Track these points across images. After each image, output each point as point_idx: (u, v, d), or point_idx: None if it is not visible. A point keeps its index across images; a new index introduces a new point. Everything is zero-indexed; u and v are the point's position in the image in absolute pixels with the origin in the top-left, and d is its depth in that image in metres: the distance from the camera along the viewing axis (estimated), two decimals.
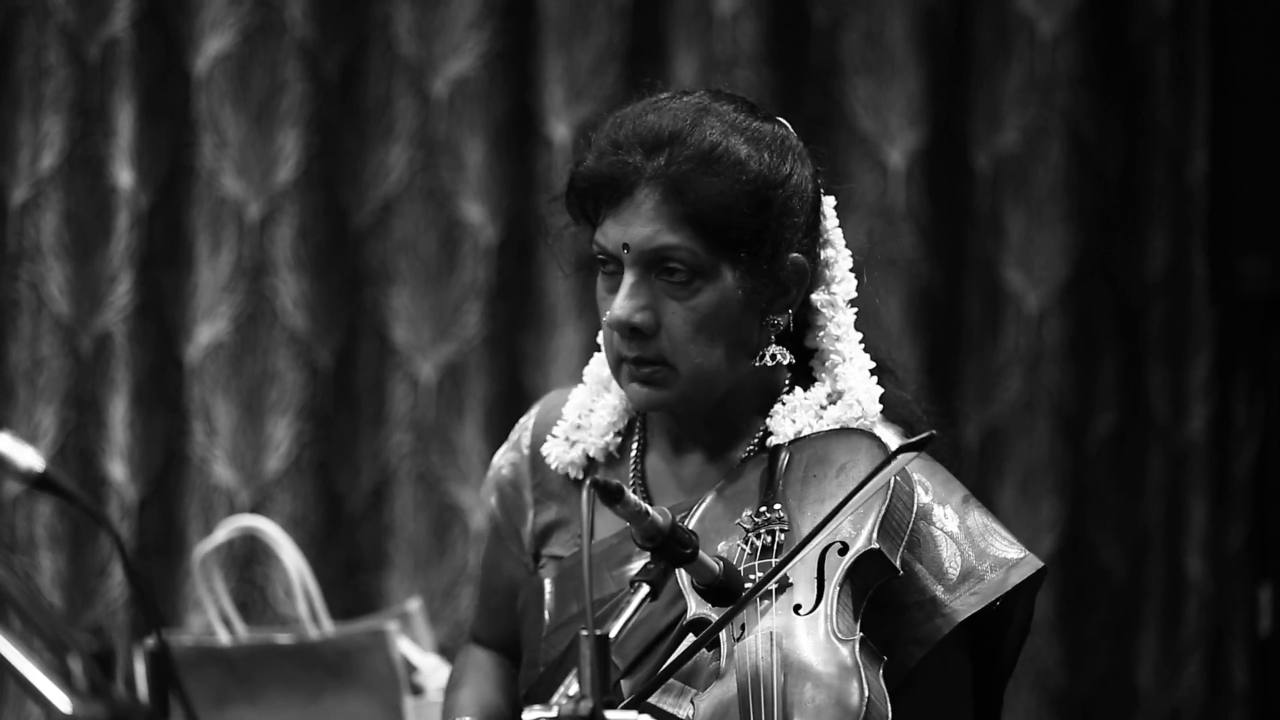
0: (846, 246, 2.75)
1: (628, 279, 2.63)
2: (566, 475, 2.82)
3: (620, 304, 2.62)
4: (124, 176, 4.77)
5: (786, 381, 2.74)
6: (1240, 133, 4.95)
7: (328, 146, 4.86)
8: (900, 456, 2.49)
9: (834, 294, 2.73)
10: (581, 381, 2.83)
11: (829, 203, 2.75)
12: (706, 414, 2.72)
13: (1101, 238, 5.05)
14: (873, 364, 2.74)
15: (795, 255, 2.68)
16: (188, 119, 4.82)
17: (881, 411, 2.73)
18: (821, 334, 2.72)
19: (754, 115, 2.70)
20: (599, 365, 2.80)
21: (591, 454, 2.79)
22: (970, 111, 5.03)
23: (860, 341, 2.75)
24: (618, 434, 2.79)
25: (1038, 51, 5.02)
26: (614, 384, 2.77)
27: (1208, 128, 5.04)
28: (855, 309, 2.75)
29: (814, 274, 2.72)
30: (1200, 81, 5.05)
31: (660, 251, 2.62)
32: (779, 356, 2.71)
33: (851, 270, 2.75)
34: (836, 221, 2.75)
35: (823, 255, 2.73)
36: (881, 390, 2.73)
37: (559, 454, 2.80)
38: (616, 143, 2.65)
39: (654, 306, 2.63)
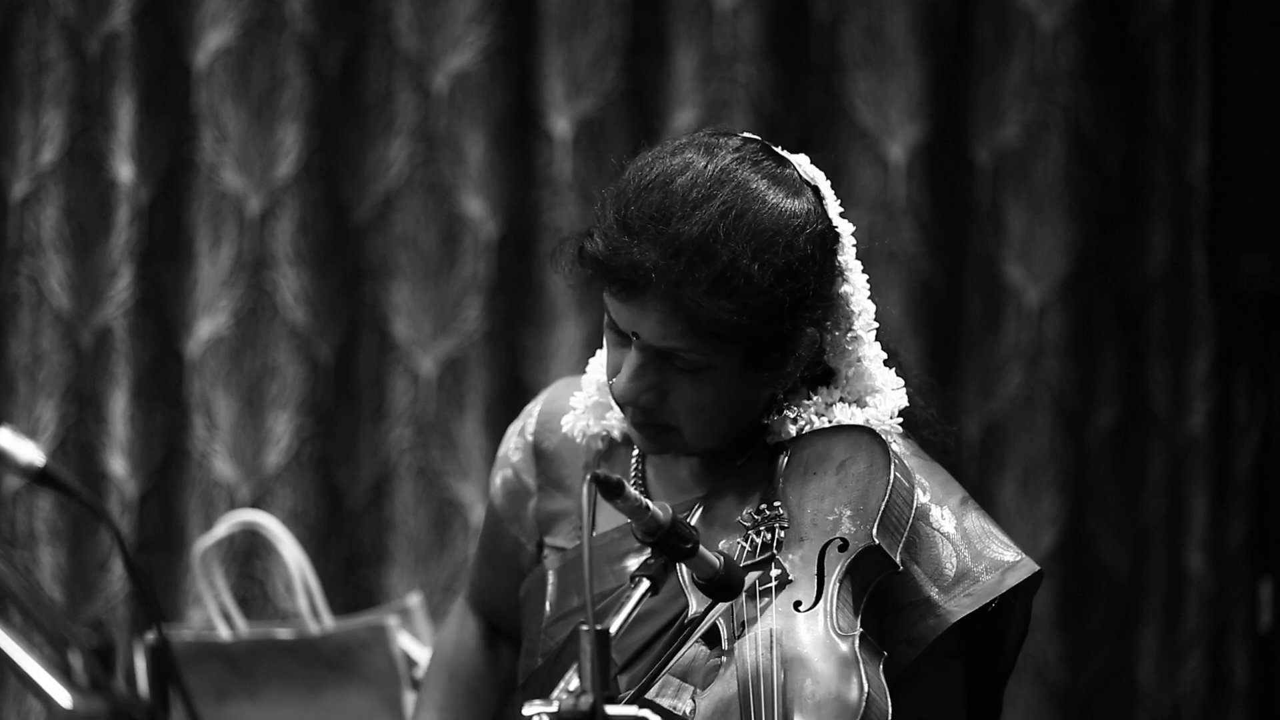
0: (863, 272, 2.72)
1: (634, 359, 2.62)
2: (570, 465, 2.82)
3: (626, 384, 2.62)
4: (124, 171, 4.77)
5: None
6: (1241, 129, 4.95)
7: (328, 141, 4.86)
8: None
9: (855, 329, 2.70)
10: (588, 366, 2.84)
11: (847, 230, 2.70)
12: None
13: (1102, 233, 5.05)
14: (901, 383, 2.74)
15: (809, 330, 2.65)
16: (188, 113, 4.82)
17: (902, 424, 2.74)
18: (850, 370, 2.71)
19: (777, 189, 2.61)
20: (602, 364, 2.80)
21: (615, 435, 2.80)
22: (971, 106, 5.03)
23: (886, 361, 2.75)
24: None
25: (1038, 46, 5.02)
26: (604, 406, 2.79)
27: (1208, 124, 5.04)
28: (875, 331, 2.73)
29: (833, 316, 2.69)
30: (1201, 77, 5.05)
31: (669, 349, 2.60)
32: (782, 408, 2.71)
33: (870, 297, 2.72)
34: (855, 252, 2.71)
35: (841, 290, 2.70)
36: (905, 403, 2.73)
37: (581, 427, 2.80)
38: (630, 229, 2.58)
39: (660, 386, 2.63)
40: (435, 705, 2.99)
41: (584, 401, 2.80)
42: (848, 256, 2.69)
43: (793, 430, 2.69)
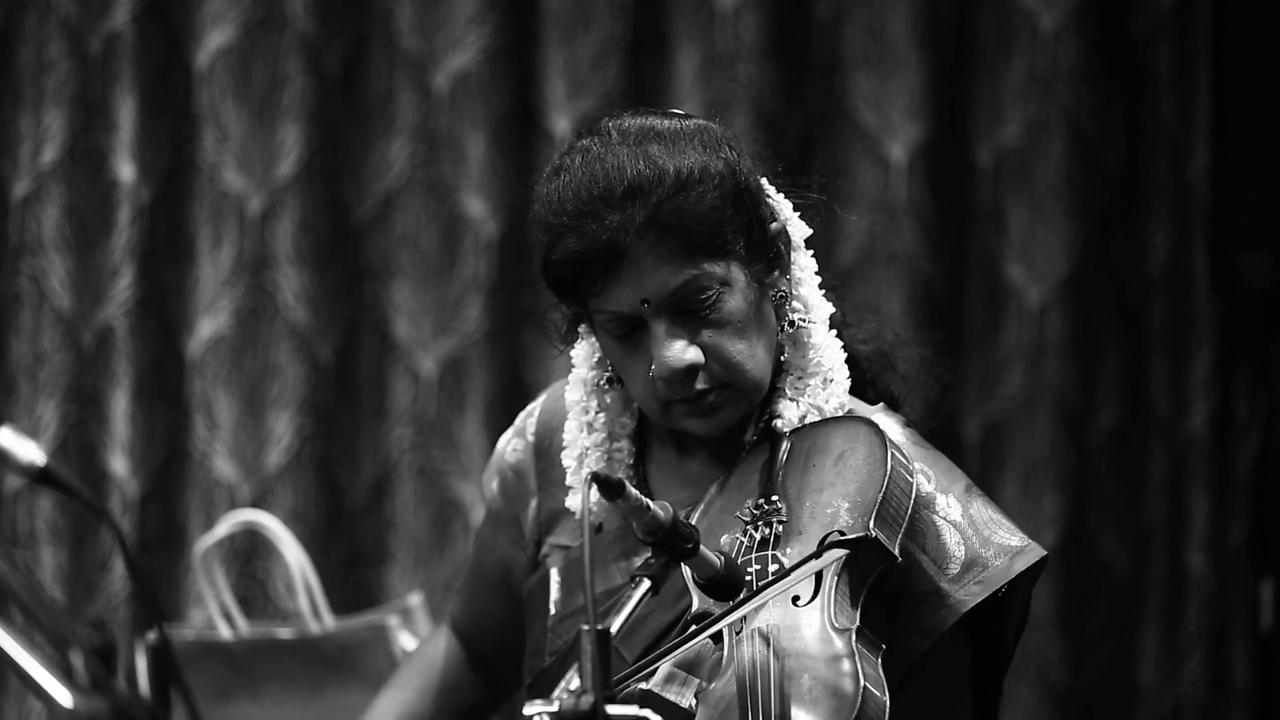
0: (795, 210, 2.75)
1: (659, 327, 2.62)
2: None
3: (667, 354, 2.61)
4: (125, 170, 4.77)
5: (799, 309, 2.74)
6: (1242, 128, 4.95)
7: (329, 141, 4.85)
8: (829, 554, 2.50)
9: (794, 262, 2.72)
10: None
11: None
12: None
13: (1103, 233, 5.05)
14: (833, 309, 2.74)
15: (774, 224, 2.69)
16: (189, 113, 4.82)
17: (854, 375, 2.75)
18: (790, 303, 2.72)
19: (671, 118, 2.68)
20: (581, 411, 2.78)
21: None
22: (972, 106, 5.03)
23: (827, 299, 2.75)
24: (631, 452, 2.79)
25: (1039, 46, 5.02)
26: (611, 423, 2.77)
27: (1209, 123, 5.04)
28: (819, 275, 2.75)
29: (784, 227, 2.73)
30: (1202, 77, 5.05)
31: (679, 290, 2.60)
32: (795, 320, 2.71)
33: (803, 222, 2.75)
34: (777, 191, 2.74)
35: (776, 210, 2.73)
36: (840, 343, 2.73)
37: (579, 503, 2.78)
38: (580, 213, 2.60)
39: (695, 339, 2.62)
40: (397, 684, 3.00)
41: (572, 432, 2.79)
42: (772, 193, 2.73)
43: (793, 413, 2.69)
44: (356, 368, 4.88)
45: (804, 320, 2.71)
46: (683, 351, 2.61)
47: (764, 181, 2.73)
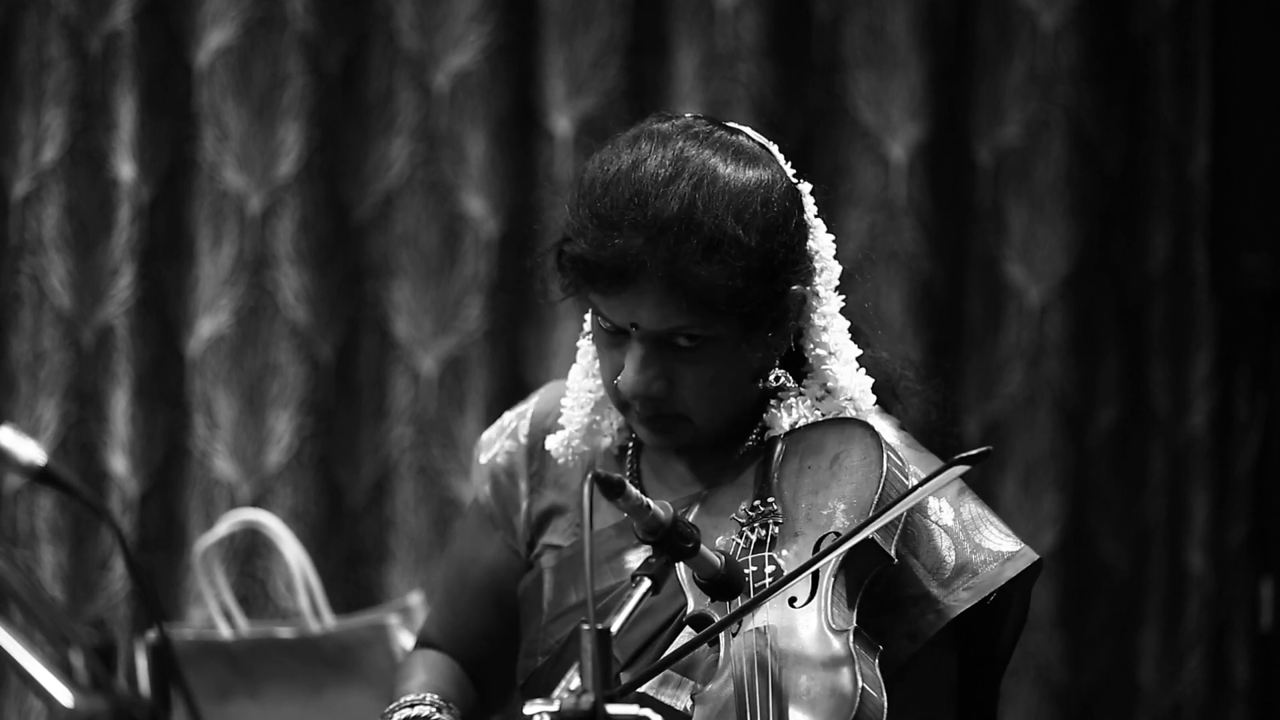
0: (827, 233, 2.74)
1: (637, 351, 2.62)
2: (565, 463, 2.81)
3: (634, 378, 2.62)
4: (125, 169, 4.77)
5: (781, 374, 2.74)
6: (1242, 128, 4.95)
7: (329, 140, 4.85)
8: (953, 469, 2.48)
9: (816, 284, 2.72)
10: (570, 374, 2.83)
11: (805, 190, 2.72)
12: None
13: (1103, 232, 5.05)
14: (859, 352, 2.74)
15: (795, 288, 2.67)
16: (189, 112, 4.82)
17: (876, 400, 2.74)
18: (809, 327, 2.72)
19: (737, 159, 2.64)
20: (585, 374, 2.79)
21: (604, 446, 2.79)
22: (972, 106, 5.03)
23: (850, 328, 2.75)
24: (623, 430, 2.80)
25: (1039, 46, 5.02)
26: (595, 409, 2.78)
27: (1209, 123, 5.04)
28: (842, 295, 2.74)
29: (812, 272, 2.72)
30: (1202, 76, 5.05)
31: (670, 330, 2.61)
32: (782, 379, 2.72)
33: (835, 257, 2.74)
34: (815, 210, 2.73)
35: (809, 246, 2.71)
36: (871, 381, 2.73)
37: (574, 445, 2.79)
38: (610, 223, 2.59)
39: (666, 373, 2.63)
40: (409, 675, 2.92)
41: (579, 419, 2.79)
42: (810, 215, 2.72)
43: (786, 423, 2.69)
44: (357, 367, 4.88)
45: (829, 367, 2.71)
46: (651, 381, 2.62)
47: (815, 219, 2.71)
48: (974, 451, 2.46)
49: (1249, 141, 4.93)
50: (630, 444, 2.79)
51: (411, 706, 2.80)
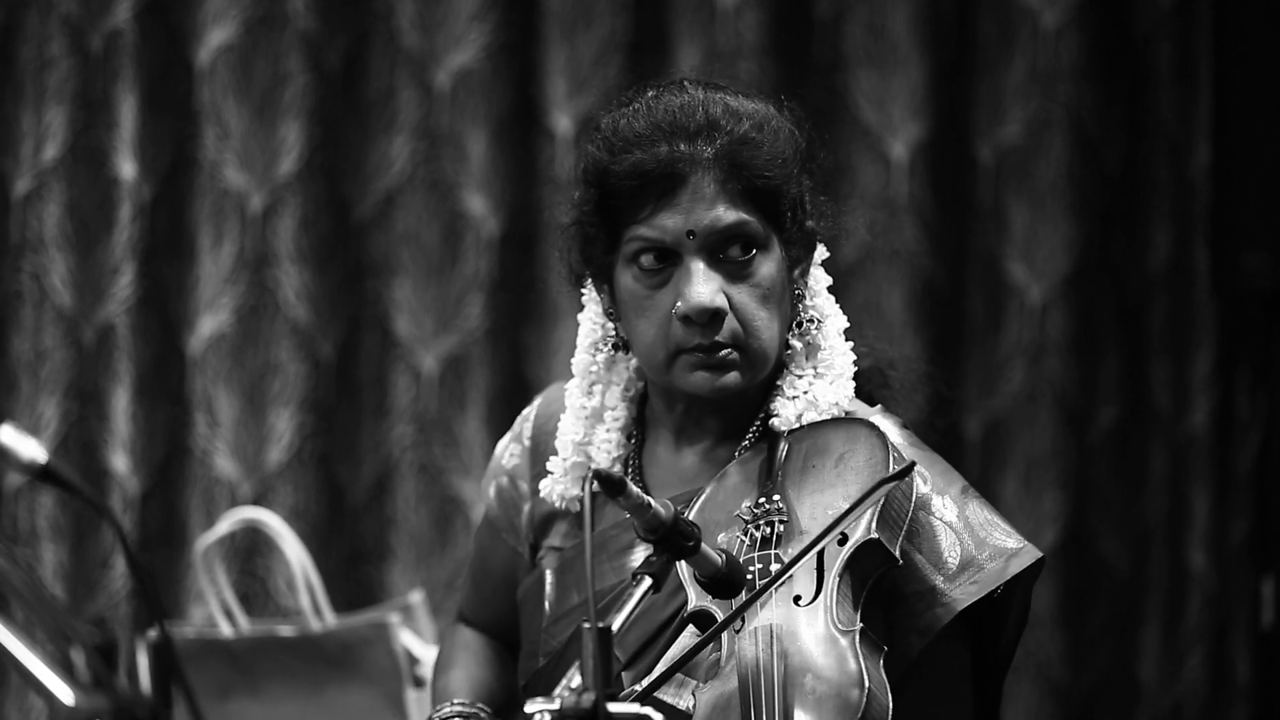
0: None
1: (697, 265, 2.63)
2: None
3: (699, 290, 2.62)
4: (126, 168, 4.77)
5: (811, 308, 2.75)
6: (1242, 127, 4.95)
7: (330, 138, 4.86)
8: (881, 488, 2.51)
9: (811, 272, 2.75)
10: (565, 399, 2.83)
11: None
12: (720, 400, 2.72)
13: (1104, 231, 5.05)
14: (845, 323, 2.75)
15: (809, 222, 2.73)
16: (190, 111, 4.82)
17: (858, 375, 2.76)
18: (804, 289, 2.74)
19: (745, 93, 2.76)
20: (581, 395, 2.79)
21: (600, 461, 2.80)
22: (973, 104, 5.03)
23: (844, 331, 2.76)
24: (626, 436, 2.79)
25: (1040, 44, 5.02)
26: (606, 413, 2.77)
27: (1210, 122, 5.04)
28: (830, 280, 2.77)
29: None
30: (1203, 75, 5.05)
31: (729, 230, 2.64)
32: (814, 315, 2.73)
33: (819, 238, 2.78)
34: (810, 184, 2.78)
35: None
36: (851, 344, 2.74)
37: (560, 492, 2.79)
38: (652, 136, 2.65)
39: (724, 289, 2.64)
40: (450, 664, 2.93)
41: (561, 466, 2.78)
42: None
43: (790, 412, 2.69)
44: (357, 365, 4.88)
45: (818, 323, 2.72)
46: (714, 292, 2.63)
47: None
48: (896, 470, 2.53)
49: (1249, 141, 4.92)
50: (632, 441, 2.79)
51: (452, 705, 2.83)
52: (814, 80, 4.98)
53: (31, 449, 2.22)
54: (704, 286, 2.62)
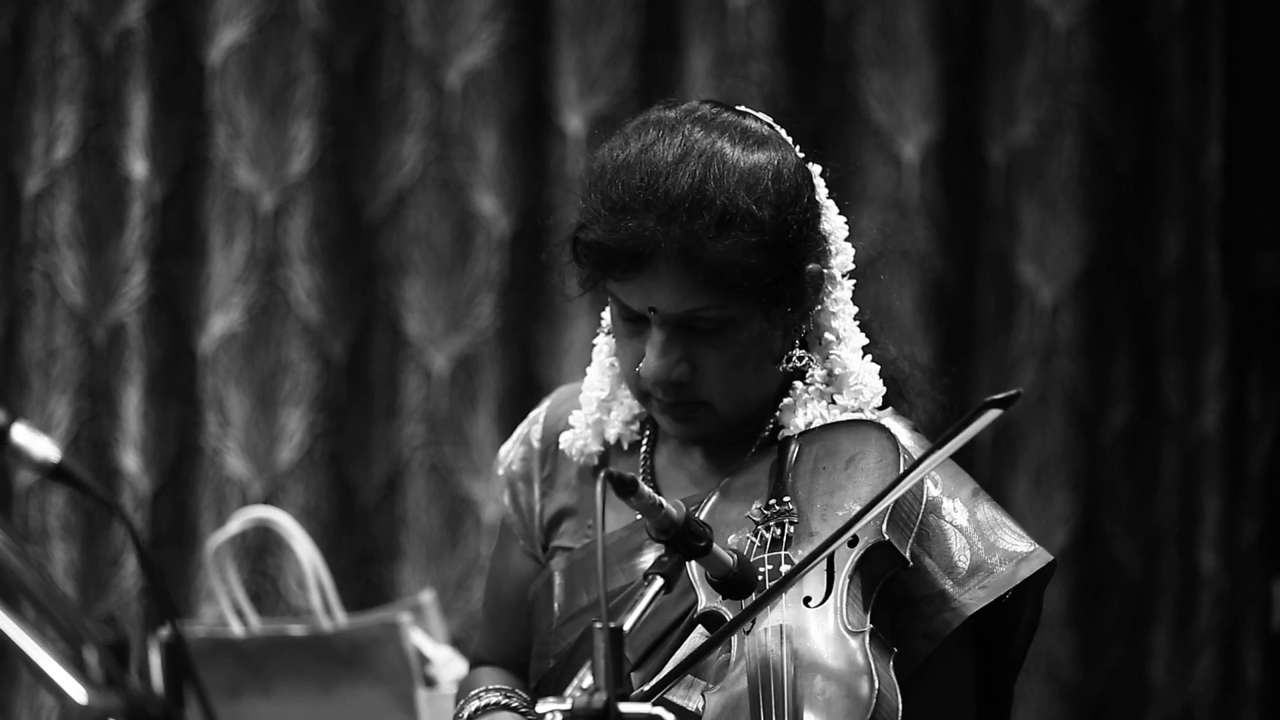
0: (839, 214, 2.74)
1: (658, 336, 2.63)
2: (577, 467, 2.81)
3: (656, 363, 2.62)
4: (138, 167, 4.77)
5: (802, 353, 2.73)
6: (1255, 128, 4.95)
7: (341, 138, 4.86)
8: (987, 414, 2.47)
9: (831, 267, 2.73)
10: (585, 374, 2.83)
11: (815, 172, 2.73)
12: None
13: (1115, 232, 5.05)
14: (865, 340, 2.74)
15: (811, 266, 2.68)
16: (202, 110, 4.82)
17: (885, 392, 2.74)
18: (818, 310, 2.72)
19: (744, 139, 2.65)
20: (608, 353, 2.79)
21: (611, 440, 2.79)
22: (984, 105, 5.02)
23: (855, 316, 2.75)
24: (639, 423, 2.80)
25: (1052, 45, 5.01)
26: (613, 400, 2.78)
27: (1222, 122, 5.03)
28: (853, 279, 2.75)
29: (827, 252, 2.72)
30: (1215, 76, 5.04)
31: (688, 313, 2.61)
32: (806, 359, 2.71)
33: (847, 240, 2.74)
34: (827, 191, 2.74)
35: (823, 228, 2.71)
36: (877, 368, 2.73)
37: (580, 447, 2.80)
38: (623, 206, 2.60)
39: (687, 358, 2.63)
40: (486, 678, 2.89)
41: (584, 420, 2.80)
42: (821, 195, 2.72)
43: (800, 420, 2.69)
44: (368, 365, 4.88)
45: (836, 352, 2.71)
46: (672, 366, 2.62)
47: (827, 200, 2.72)
48: (1002, 395, 2.46)
49: (1261, 141, 4.92)
50: (644, 441, 2.79)
51: (479, 697, 2.80)
52: (825, 80, 4.98)
53: (44, 447, 2.22)
54: (661, 360, 2.62)
